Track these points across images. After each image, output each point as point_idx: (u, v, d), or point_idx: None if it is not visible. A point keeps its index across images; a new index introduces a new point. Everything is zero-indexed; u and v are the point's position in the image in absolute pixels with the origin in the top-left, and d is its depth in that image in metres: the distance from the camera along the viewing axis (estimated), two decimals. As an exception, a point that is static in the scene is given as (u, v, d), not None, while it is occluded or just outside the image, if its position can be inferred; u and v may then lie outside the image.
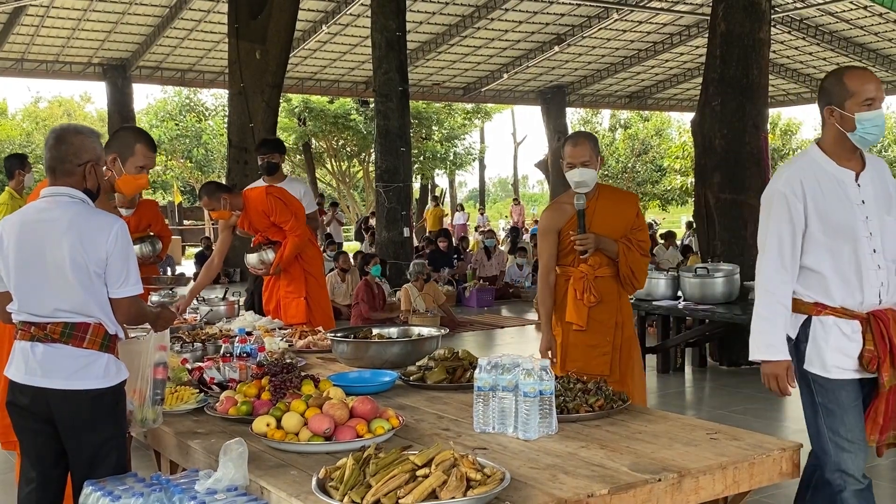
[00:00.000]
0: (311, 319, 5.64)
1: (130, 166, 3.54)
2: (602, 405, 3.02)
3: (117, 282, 2.80)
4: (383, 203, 12.99)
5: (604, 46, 22.81)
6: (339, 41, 21.01)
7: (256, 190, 5.90)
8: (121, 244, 2.79)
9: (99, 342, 2.80)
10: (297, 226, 5.70)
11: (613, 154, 36.63)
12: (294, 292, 5.73)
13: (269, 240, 5.75)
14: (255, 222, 5.74)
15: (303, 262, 5.80)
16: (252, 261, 5.78)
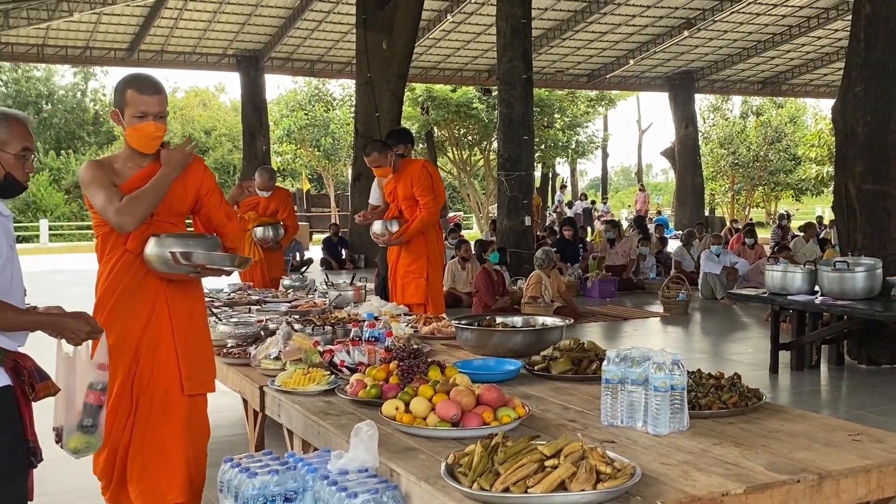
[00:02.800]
0: (428, 304, 5.75)
1: (129, 117, 3.24)
2: (736, 402, 2.92)
3: None
4: (505, 191, 12.97)
5: (736, 30, 22.04)
6: (463, 30, 21.09)
7: (417, 160, 6.13)
8: None
9: None
10: (431, 204, 5.84)
11: (744, 142, 35.39)
12: (414, 272, 5.87)
13: (402, 214, 5.90)
14: (400, 188, 5.91)
15: (428, 243, 5.91)
16: (376, 228, 5.95)
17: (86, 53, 21.36)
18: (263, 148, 21.84)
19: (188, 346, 3.37)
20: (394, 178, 5.93)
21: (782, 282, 7.36)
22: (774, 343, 7.49)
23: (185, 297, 3.41)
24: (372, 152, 5.89)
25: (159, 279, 3.31)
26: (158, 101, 3.25)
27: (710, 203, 33.38)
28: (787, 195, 37.23)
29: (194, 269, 3.24)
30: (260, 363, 3.78)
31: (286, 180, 38.39)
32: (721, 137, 35.76)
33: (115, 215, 3.17)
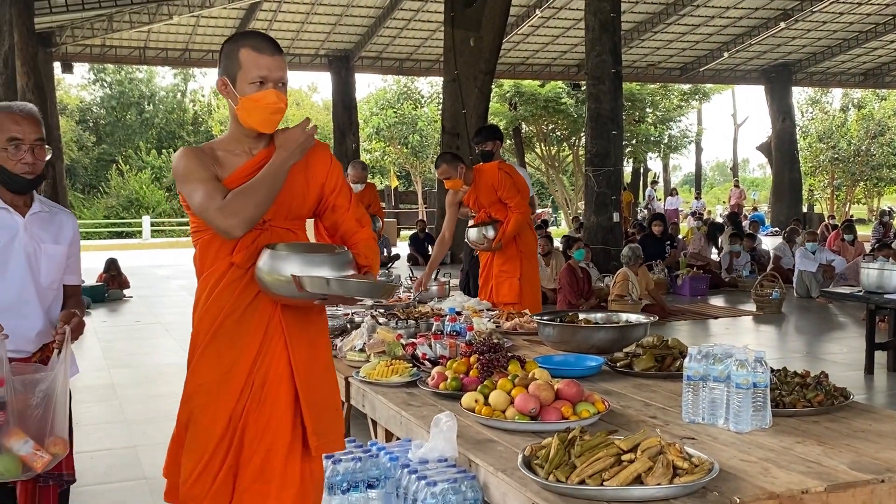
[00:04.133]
0: (522, 300, 5.73)
1: (243, 85, 2.49)
2: (821, 400, 2.87)
3: None
4: (592, 187, 12.86)
5: (836, 21, 21.28)
6: (551, 24, 20.98)
7: (489, 165, 6.07)
8: None
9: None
10: (521, 203, 5.82)
11: (845, 136, 34.16)
12: (508, 272, 5.84)
13: (492, 217, 5.90)
14: (482, 196, 5.89)
15: (519, 242, 5.89)
16: (472, 236, 5.95)
17: (185, 55, 22.09)
18: (353, 146, 22.19)
19: (311, 388, 2.53)
20: (472, 188, 5.90)
21: (879, 280, 7.11)
22: (870, 343, 7.24)
23: (307, 324, 2.57)
24: (441, 164, 5.87)
25: (273, 302, 2.51)
26: (280, 64, 2.52)
27: (808, 199, 32.37)
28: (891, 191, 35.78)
29: (322, 296, 2.42)
30: (346, 355, 3.88)
31: (375, 177, 38.91)
32: (820, 131, 34.57)
33: (217, 216, 2.41)
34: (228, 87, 2.52)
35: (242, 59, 2.49)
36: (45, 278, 2.80)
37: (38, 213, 2.80)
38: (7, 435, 2.46)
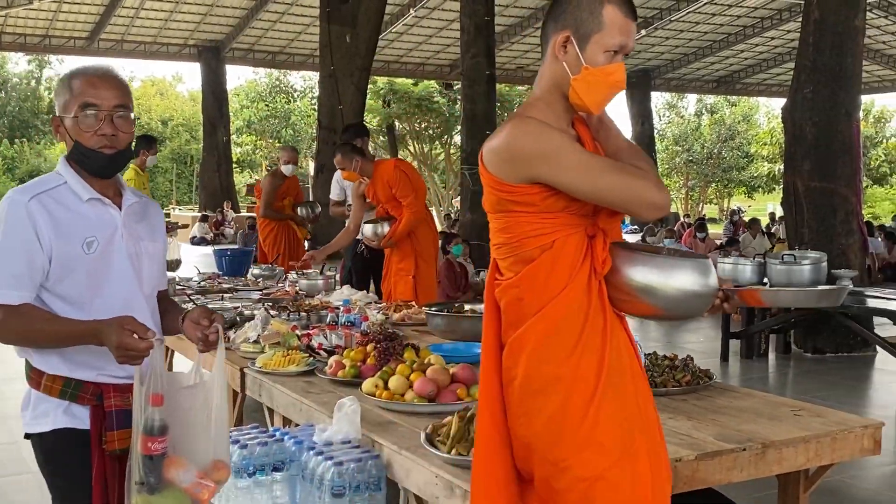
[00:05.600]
0: (417, 299, 5.86)
1: (596, 49, 2.01)
2: (689, 381, 3.16)
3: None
4: (468, 185, 13.18)
5: (692, 30, 22.50)
6: (425, 24, 21.25)
7: (386, 162, 6.18)
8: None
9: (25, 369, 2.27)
10: (415, 203, 5.91)
11: (699, 140, 36.05)
12: (404, 270, 5.96)
13: (389, 214, 6.00)
14: (379, 192, 5.98)
15: (415, 240, 6.01)
16: (367, 231, 6.04)
17: (45, 42, 21.12)
18: (224, 139, 21.80)
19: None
20: (371, 181, 6.02)
21: (733, 274, 7.68)
22: (725, 332, 7.82)
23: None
24: (336, 154, 6.01)
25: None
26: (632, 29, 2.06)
27: (665, 199, 33.89)
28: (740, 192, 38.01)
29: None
30: (239, 347, 3.94)
31: (244, 171, 38.21)
32: (676, 135, 36.40)
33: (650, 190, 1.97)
34: (572, 45, 2.02)
35: (606, 18, 2.01)
36: (148, 284, 2.33)
37: (133, 205, 2.30)
38: (168, 464, 2.03)
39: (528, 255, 2.04)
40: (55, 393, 2.19)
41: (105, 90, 2.18)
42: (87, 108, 2.16)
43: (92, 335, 2.07)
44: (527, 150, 1.97)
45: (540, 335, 2.03)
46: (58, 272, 2.14)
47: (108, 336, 2.03)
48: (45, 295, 2.17)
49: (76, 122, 2.17)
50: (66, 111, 2.19)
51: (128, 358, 2.03)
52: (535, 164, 1.97)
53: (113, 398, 2.19)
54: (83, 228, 2.17)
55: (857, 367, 7.57)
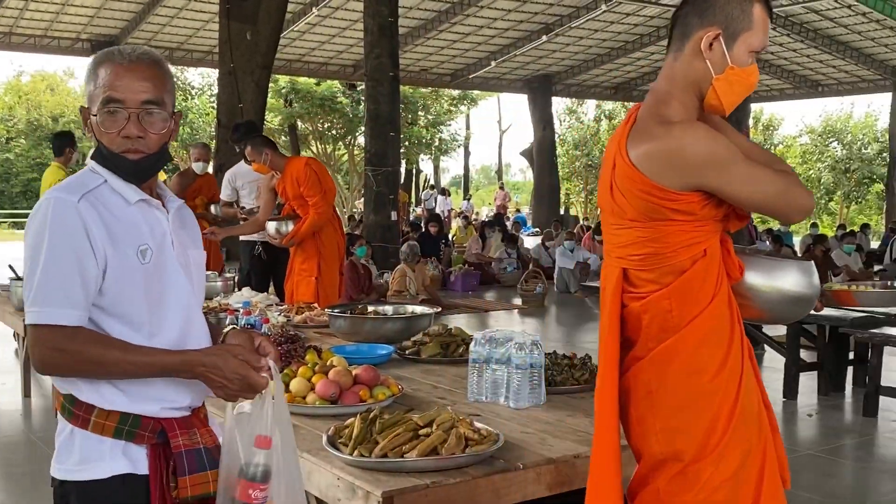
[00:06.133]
0: (320, 301, 5.80)
1: (742, 48, 2.00)
2: (587, 379, 3.23)
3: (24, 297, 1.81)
4: (371, 186, 13.15)
5: (591, 37, 23.00)
6: (328, 24, 21.08)
7: (298, 159, 6.13)
8: (33, 235, 1.78)
9: (60, 402, 1.87)
10: (321, 203, 5.83)
11: (598, 144, 36.90)
12: (306, 271, 5.89)
13: (296, 212, 5.91)
14: (288, 188, 5.90)
15: (319, 242, 5.93)
16: (270, 229, 5.95)
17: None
18: (119, 136, 21.10)
19: None
20: (281, 177, 5.94)
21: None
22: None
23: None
24: (246, 146, 5.93)
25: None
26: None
27: (565, 202, 34.64)
28: (637, 196, 39.01)
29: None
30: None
31: (141, 171, 37.04)
32: (576, 139, 37.17)
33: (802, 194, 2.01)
34: (719, 43, 1.98)
35: (756, 18, 1.98)
36: (199, 297, 2.01)
37: (179, 208, 2.00)
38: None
39: (679, 265, 1.99)
40: (109, 432, 1.80)
41: (133, 81, 1.83)
42: (110, 104, 1.83)
43: (187, 368, 1.77)
44: (699, 157, 1.91)
45: (690, 347, 2.00)
46: (112, 286, 1.79)
47: (215, 368, 1.75)
48: (96, 314, 1.80)
49: (99, 120, 1.85)
50: (91, 104, 1.86)
51: (241, 394, 1.80)
52: (705, 172, 1.91)
53: (180, 436, 1.84)
54: (135, 235, 1.84)
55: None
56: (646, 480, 2.10)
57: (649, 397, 2.07)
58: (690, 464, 2.02)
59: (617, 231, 2.08)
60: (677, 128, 1.96)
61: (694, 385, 2.01)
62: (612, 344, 2.12)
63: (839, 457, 5.16)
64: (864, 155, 35.13)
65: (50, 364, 1.77)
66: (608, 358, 2.13)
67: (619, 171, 2.02)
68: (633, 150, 1.99)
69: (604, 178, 2.12)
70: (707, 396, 2.01)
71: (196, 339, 1.91)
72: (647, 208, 1.98)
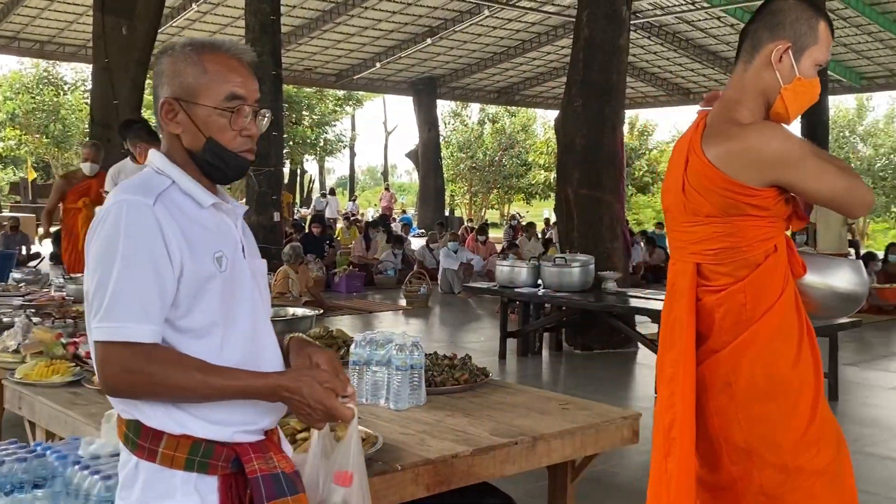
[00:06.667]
0: None
1: (808, 62, 2.18)
2: (466, 379, 3.28)
3: (89, 311, 1.63)
4: (253, 187, 12.91)
5: (475, 41, 23.29)
6: (209, 20, 20.58)
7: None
8: (102, 242, 1.61)
9: (122, 431, 1.71)
10: None
11: (481, 147, 37.38)
12: None
13: None
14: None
15: None
16: None
17: None
18: (-16, 132, 20.03)
19: None
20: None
21: (510, 276, 8.05)
22: (503, 332, 8.17)
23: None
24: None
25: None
26: None
27: (450, 204, 34.95)
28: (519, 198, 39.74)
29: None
30: (-4, 357, 3.64)
31: (7, 168, 35.28)
32: (461, 142, 37.54)
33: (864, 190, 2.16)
34: (788, 56, 2.14)
35: (821, 35, 2.17)
36: (268, 308, 1.87)
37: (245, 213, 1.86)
38: None
39: (754, 259, 2.11)
40: (179, 464, 1.63)
41: (249, 78, 1.74)
42: (235, 100, 1.71)
43: (270, 392, 1.63)
44: (776, 153, 2.04)
45: (765, 339, 2.11)
46: (186, 297, 1.64)
47: (299, 394, 1.62)
48: (164, 328, 1.64)
49: (217, 114, 1.70)
50: (196, 96, 1.70)
51: (323, 423, 1.68)
52: (781, 167, 2.04)
53: (255, 460, 1.68)
54: (210, 240, 1.70)
55: (621, 362, 8.15)
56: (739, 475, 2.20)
57: (728, 389, 2.18)
58: (790, 455, 2.13)
59: (691, 228, 2.21)
60: (754, 127, 2.12)
61: (772, 376, 2.14)
62: (689, 337, 2.21)
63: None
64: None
65: (122, 387, 1.59)
66: (686, 350, 2.21)
67: (695, 171, 2.16)
68: (710, 150, 2.13)
69: (673, 181, 2.25)
70: (786, 386, 2.14)
71: (266, 354, 1.77)
72: (725, 204, 2.12)
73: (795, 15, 2.16)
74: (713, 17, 20.91)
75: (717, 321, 2.20)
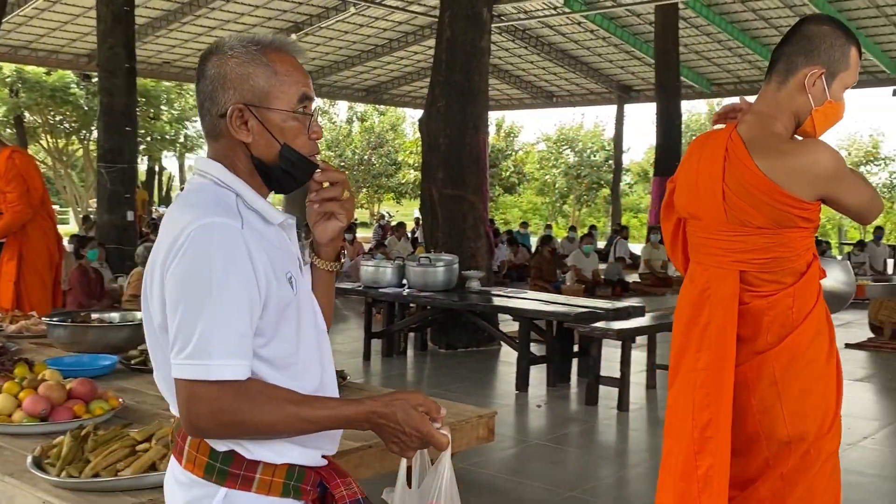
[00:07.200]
0: (22, 306, 5.36)
1: (839, 87, 2.35)
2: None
3: (171, 342, 1.49)
4: (105, 185, 12.35)
5: (341, 38, 23.12)
6: (59, 10, 19.58)
7: (3, 150, 5.52)
8: (190, 268, 1.46)
9: (203, 462, 1.57)
10: (18, 202, 5.37)
11: (350, 146, 37.20)
12: (7, 274, 5.42)
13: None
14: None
15: (22, 244, 5.46)
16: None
17: None
18: None
19: None
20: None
21: (375, 276, 8.02)
22: (367, 332, 8.13)
23: None
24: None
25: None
26: None
27: (317, 202, 34.55)
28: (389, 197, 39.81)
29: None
30: None
31: None
32: (329, 140, 37.23)
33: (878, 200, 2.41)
34: (821, 80, 2.31)
35: (852, 61, 2.34)
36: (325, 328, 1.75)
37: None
38: None
39: (798, 267, 2.32)
40: (277, 490, 1.56)
41: (308, 77, 1.64)
42: (306, 102, 1.61)
43: (363, 419, 1.53)
44: (830, 170, 2.23)
45: (808, 339, 2.31)
46: (270, 327, 1.53)
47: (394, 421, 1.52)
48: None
49: (292, 118, 1.59)
50: (269, 100, 1.58)
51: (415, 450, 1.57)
52: (831, 182, 2.24)
53: (341, 485, 1.63)
54: (282, 260, 1.58)
55: (484, 360, 8.26)
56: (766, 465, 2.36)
57: (775, 387, 2.35)
58: (814, 442, 2.33)
59: (736, 237, 2.36)
60: (808, 144, 2.30)
61: (813, 371, 2.34)
62: (730, 340, 2.35)
63: (565, 444, 5.54)
64: (593, 162, 38.08)
65: (209, 427, 1.47)
66: (726, 352, 2.35)
67: (742, 182, 2.30)
68: (762, 163, 2.28)
69: (706, 189, 2.39)
70: (824, 380, 2.36)
71: (330, 378, 1.68)
72: (778, 217, 2.28)
73: (830, 41, 2.31)
74: (574, 21, 21.52)
75: (765, 325, 2.36)
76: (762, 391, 2.36)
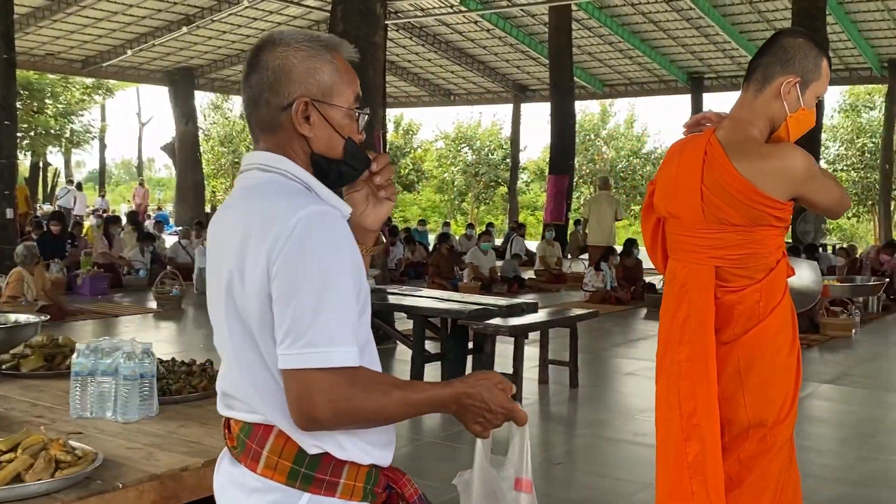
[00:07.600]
0: None
1: (811, 95, 2.50)
2: (206, 386, 3.13)
3: (279, 334, 1.45)
4: (-15, 182, 11.78)
5: (234, 32, 22.66)
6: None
7: None
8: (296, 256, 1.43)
9: (286, 467, 1.53)
10: None
11: (244, 142, 36.51)
12: None
13: None
14: None
15: None
16: None
17: None
18: None
19: None
20: None
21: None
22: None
23: None
24: None
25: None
26: None
27: (211, 200, 33.81)
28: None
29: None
30: None
31: None
32: (222, 136, 36.44)
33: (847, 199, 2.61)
34: (795, 89, 2.45)
35: (824, 71, 2.49)
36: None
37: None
38: None
39: (769, 264, 2.46)
40: (359, 494, 1.54)
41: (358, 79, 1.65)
42: (359, 102, 1.63)
43: (453, 401, 1.54)
44: (805, 171, 2.39)
45: (773, 332, 2.44)
46: (360, 313, 1.53)
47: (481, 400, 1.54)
48: None
49: (349, 116, 1.61)
50: (332, 96, 1.58)
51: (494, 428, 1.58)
52: (805, 183, 2.39)
53: (407, 484, 1.63)
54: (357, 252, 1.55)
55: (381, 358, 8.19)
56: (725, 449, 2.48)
57: (738, 376, 2.48)
58: (772, 429, 2.46)
59: (713, 234, 2.50)
60: (782, 148, 2.44)
61: (774, 363, 2.48)
62: (708, 331, 2.48)
63: (458, 442, 5.54)
64: (490, 160, 38.47)
65: (327, 417, 1.44)
66: (706, 343, 2.48)
67: (720, 183, 2.44)
68: (740, 166, 2.42)
69: (685, 189, 2.52)
70: (784, 371, 2.49)
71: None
72: (754, 215, 2.42)
73: (804, 52, 2.47)
74: (470, 20, 21.69)
75: (735, 317, 2.50)
76: (726, 380, 2.50)
